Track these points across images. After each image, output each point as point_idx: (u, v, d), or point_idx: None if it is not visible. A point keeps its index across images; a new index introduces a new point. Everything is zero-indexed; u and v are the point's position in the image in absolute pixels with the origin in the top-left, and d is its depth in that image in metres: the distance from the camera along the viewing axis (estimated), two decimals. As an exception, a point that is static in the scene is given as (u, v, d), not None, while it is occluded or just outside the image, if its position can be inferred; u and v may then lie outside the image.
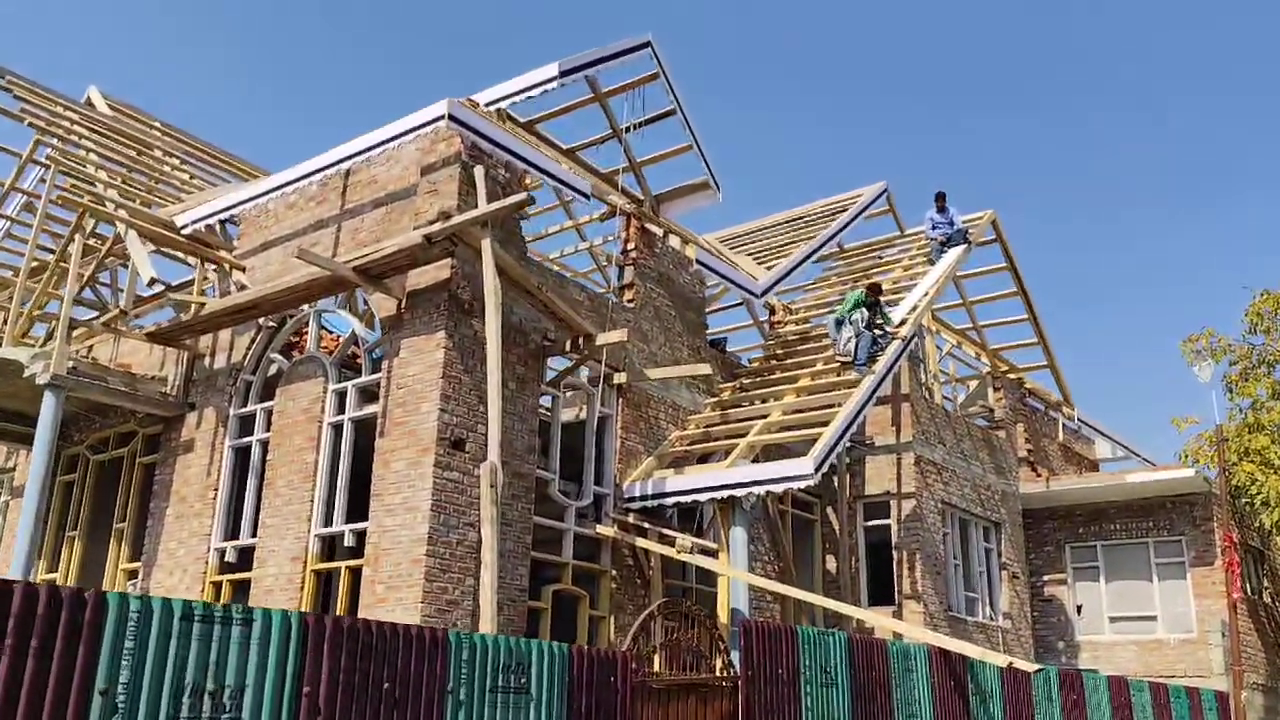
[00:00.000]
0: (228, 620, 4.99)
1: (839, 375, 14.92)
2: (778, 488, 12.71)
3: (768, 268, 17.31)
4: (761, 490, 12.65)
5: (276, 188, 13.38)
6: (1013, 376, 21.70)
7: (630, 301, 14.20)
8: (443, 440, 10.79)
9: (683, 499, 12.95)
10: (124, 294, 14.31)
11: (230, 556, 12.67)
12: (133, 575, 13.93)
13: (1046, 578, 20.49)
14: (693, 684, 8.92)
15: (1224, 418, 21.69)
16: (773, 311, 18.80)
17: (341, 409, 12.13)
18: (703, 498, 12.80)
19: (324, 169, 12.76)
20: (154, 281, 12.64)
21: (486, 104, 13.38)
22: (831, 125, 77.18)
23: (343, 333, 13.13)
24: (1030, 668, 12.17)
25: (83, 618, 4.52)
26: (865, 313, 14.95)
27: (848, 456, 17.22)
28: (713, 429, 14.33)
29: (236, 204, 13.89)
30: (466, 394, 11.15)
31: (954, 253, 18.25)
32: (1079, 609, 20.17)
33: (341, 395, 12.20)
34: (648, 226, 14.87)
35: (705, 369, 14.26)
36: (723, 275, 15.78)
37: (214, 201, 14.32)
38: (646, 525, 13.17)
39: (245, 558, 12.49)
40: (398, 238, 11.46)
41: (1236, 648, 17.72)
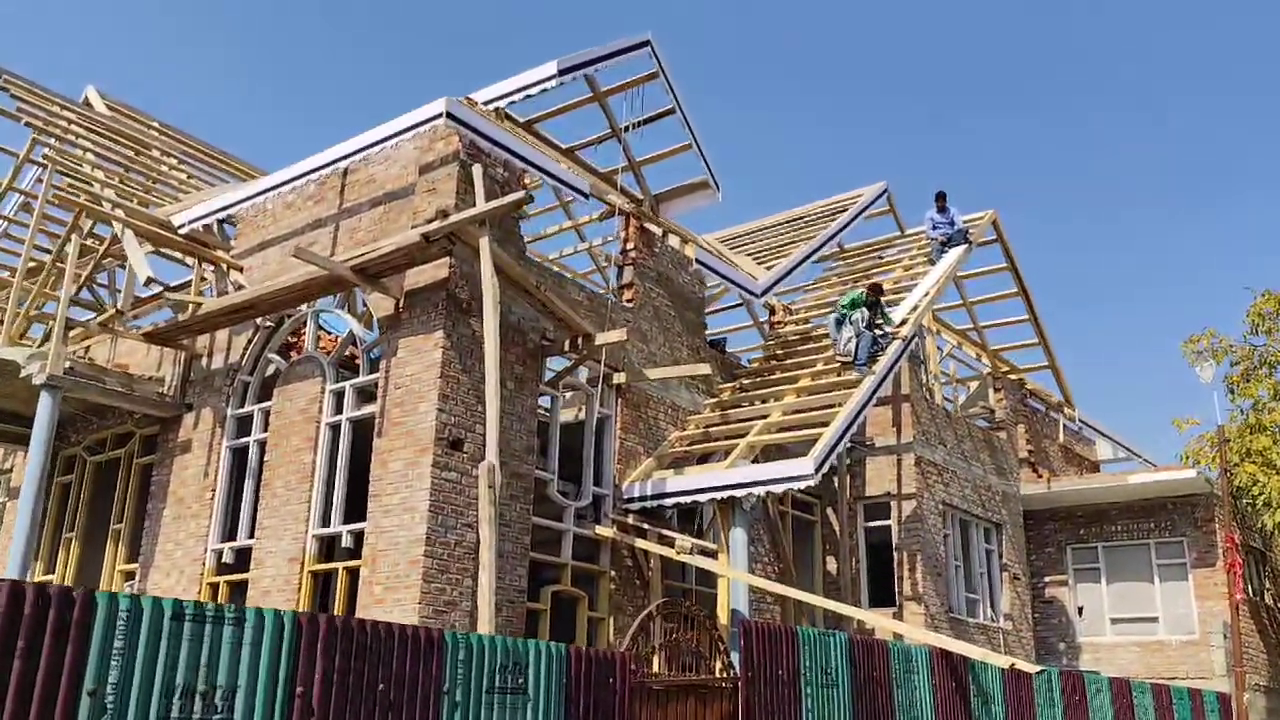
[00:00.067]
0: (219, 620, 4.92)
1: (839, 375, 14.84)
2: (778, 488, 12.64)
3: (767, 268, 17.24)
4: (762, 491, 12.59)
5: (274, 187, 13.33)
6: (1013, 377, 21.62)
7: (629, 301, 14.14)
8: (440, 440, 10.72)
9: (682, 500, 12.88)
10: (121, 294, 14.25)
11: (228, 558, 12.60)
12: (130, 577, 13.86)
13: (1048, 579, 20.41)
14: (692, 685, 8.85)
15: (1225, 419, 21.65)
16: (772, 312, 18.74)
17: (339, 409, 12.06)
18: (702, 498, 12.73)
19: (322, 168, 12.70)
20: (151, 281, 12.59)
21: (485, 103, 13.32)
22: (831, 125, 77.23)
23: (340, 333, 13.07)
24: (1032, 669, 12.10)
25: (71, 617, 4.45)
26: (866, 313, 14.88)
27: (848, 457, 17.15)
28: (712, 429, 14.26)
29: (234, 203, 13.83)
30: (465, 394, 11.09)
31: (954, 253, 18.18)
32: (1080, 610, 20.08)
33: (339, 395, 12.14)
34: (647, 226, 14.81)
35: (705, 369, 14.19)
36: (722, 275, 15.71)
37: (211, 201, 14.26)
38: (646, 526, 13.10)
39: (243, 559, 12.43)
40: (395, 237, 11.40)
41: (1238, 649, 17.64)
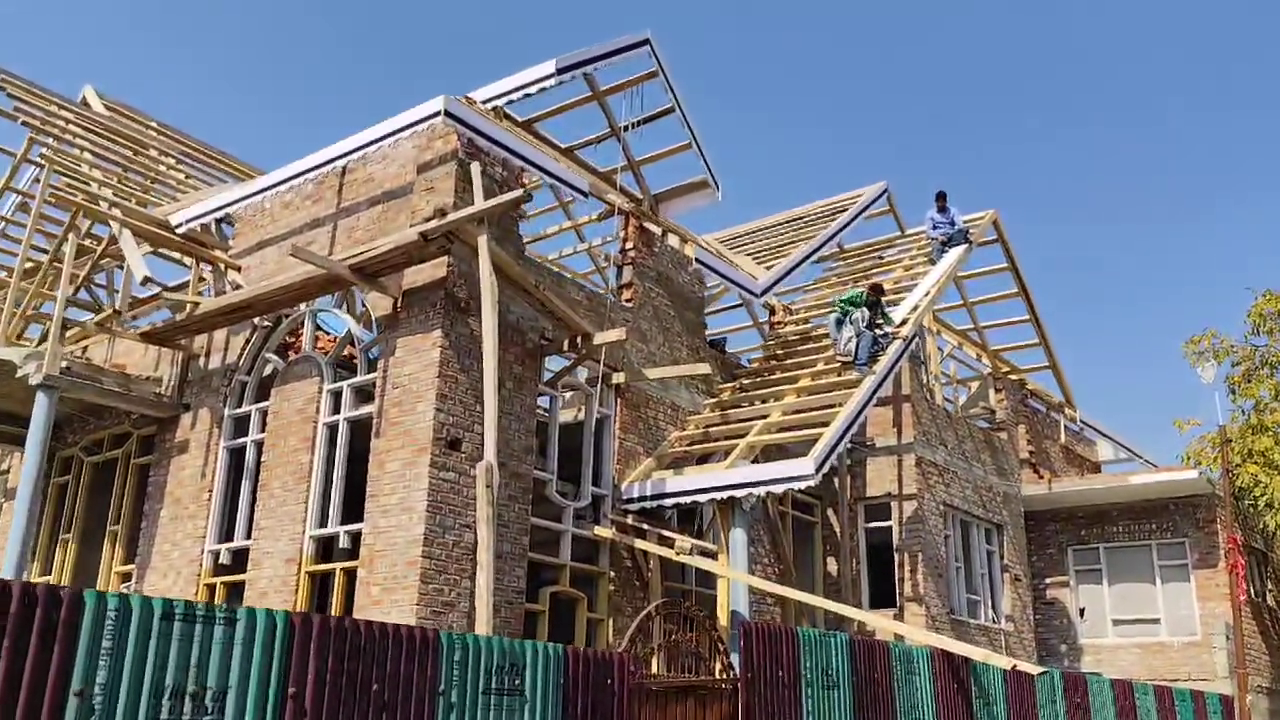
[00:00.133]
0: (210, 620, 4.84)
1: (840, 375, 14.78)
2: (778, 488, 12.57)
3: (767, 268, 17.17)
4: (762, 491, 12.52)
5: (272, 186, 13.26)
6: (1014, 378, 21.54)
7: (629, 301, 14.07)
8: (439, 440, 10.66)
9: (682, 500, 12.81)
10: (119, 295, 14.18)
11: (224, 558, 12.53)
12: (127, 578, 13.80)
13: (1049, 580, 20.33)
14: (691, 686, 8.78)
15: (1226, 419, 21.58)
16: (772, 312, 18.67)
17: (337, 409, 11.99)
18: (702, 499, 12.66)
19: (320, 166, 12.64)
20: (147, 280, 12.52)
21: (483, 102, 13.26)
22: (831, 125, 77.14)
23: (339, 333, 13.01)
24: (1034, 670, 12.03)
25: (58, 616, 4.37)
26: (866, 312, 14.81)
27: (848, 458, 17.08)
28: (712, 429, 14.19)
29: (232, 202, 13.76)
30: (463, 393, 11.02)
31: (955, 252, 18.12)
32: (1082, 612, 20.00)
33: (337, 395, 12.07)
34: (646, 226, 14.74)
35: (704, 369, 14.13)
36: (722, 275, 15.63)
37: (209, 201, 14.19)
38: (645, 527, 13.02)
39: (240, 560, 12.36)
40: (393, 235, 11.34)
41: (1241, 651, 17.56)
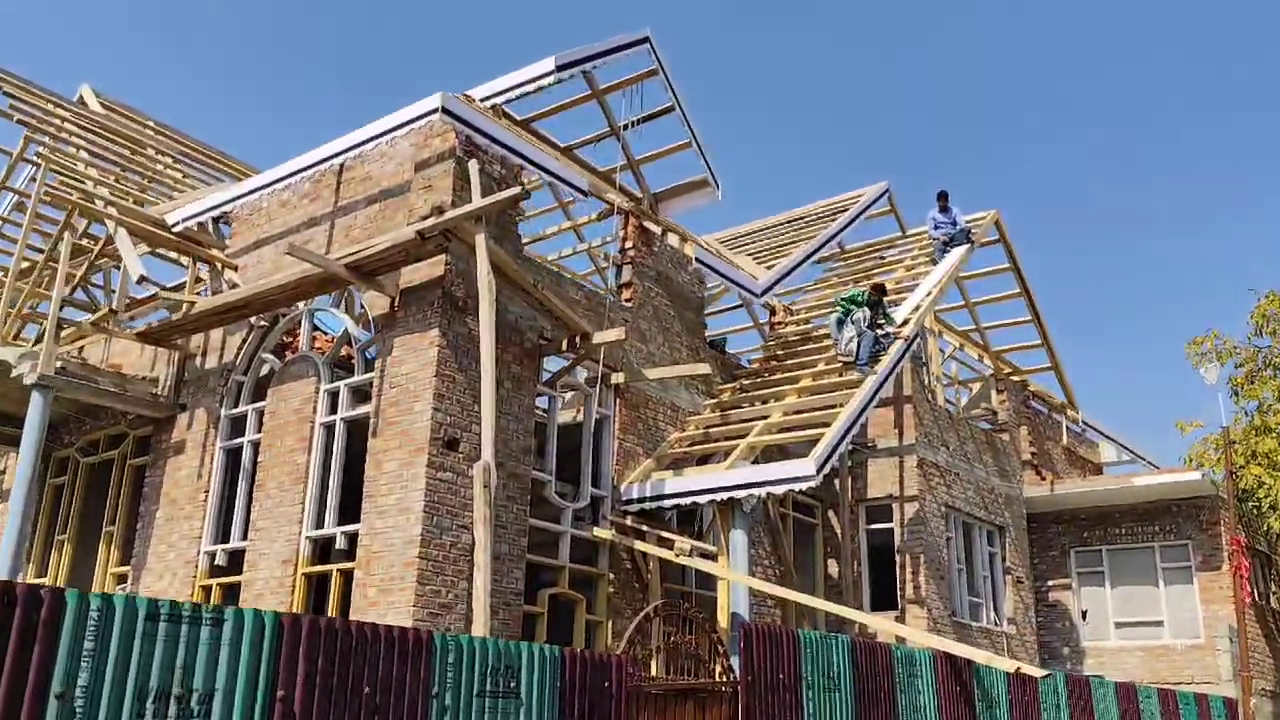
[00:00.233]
0: (196, 620, 4.73)
1: (841, 375, 14.67)
2: (779, 489, 12.46)
3: (768, 268, 17.06)
4: (762, 492, 12.41)
5: (269, 184, 13.17)
6: (1016, 379, 21.41)
7: (628, 301, 13.97)
8: (436, 440, 10.56)
9: (682, 501, 12.71)
10: (116, 295, 14.10)
11: (220, 560, 12.43)
12: (123, 579, 13.70)
13: (1051, 582, 20.20)
14: (691, 689, 8.67)
15: (1229, 421, 21.48)
16: (773, 312, 18.56)
17: (334, 409, 11.89)
18: (702, 500, 12.55)
19: (317, 164, 12.55)
20: (143, 279, 12.43)
21: (482, 100, 13.17)
22: (832, 125, 77.02)
23: (336, 333, 12.91)
24: (1038, 673, 11.92)
25: (38, 616, 4.26)
26: (868, 312, 14.70)
27: (849, 459, 16.96)
28: (712, 430, 14.09)
29: (228, 201, 13.66)
30: (461, 393, 10.92)
31: (957, 252, 18.00)
32: (1084, 614, 19.87)
33: (334, 395, 11.97)
34: (646, 225, 14.64)
35: (704, 369, 14.02)
36: (722, 274, 15.51)
37: (206, 199, 14.10)
38: (645, 528, 12.91)
39: (236, 561, 12.25)
40: (390, 234, 11.25)
41: (1245, 653, 17.45)
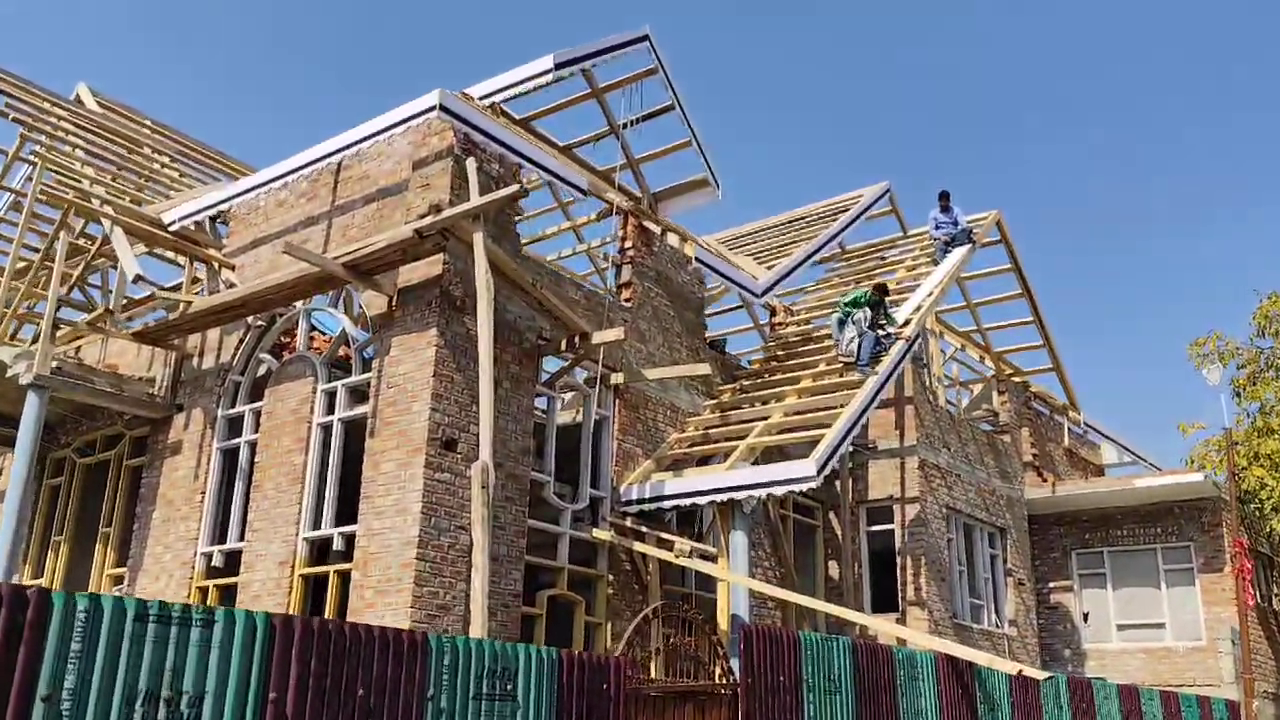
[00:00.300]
0: (186, 621, 4.64)
1: (841, 376, 14.59)
2: (779, 490, 12.37)
3: (768, 268, 16.99)
4: (762, 493, 12.32)
5: (266, 182, 13.08)
6: (1018, 380, 21.33)
7: (628, 301, 13.89)
8: (434, 440, 10.48)
9: (681, 502, 12.62)
10: (113, 295, 14.01)
11: (217, 561, 12.34)
12: (119, 580, 13.61)
13: (1052, 584, 20.11)
14: (690, 691, 8.58)
15: (1231, 422, 21.40)
16: (773, 313, 18.48)
17: (331, 409, 11.81)
18: (702, 501, 12.46)
19: (315, 162, 12.46)
20: (139, 279, 12.35)
21: (480, 98, 13.09)
22: (832, 125, 76.95)
23: (333, 333, 12.83)
24: (1040, 676, 11.84)
25: (24, 618, 4.17)
26: (869, 312, 14.62)
27: (850, 460, 16.87)
28: (712, 431, 14.00)
29: (225, 200, 13.58)
30: (459, 393, 10.84)
31: (958, 253, 17.91)
32: (1086, 616, 19.78)
33: (331, 395, 11.89)
34: (645, 225, 14.56)
35: (704, 369, 13.93)
36: (722, 274, 15.43)
37: (202, 198, 14.01)
38: (644, 529, 12.83)
39: (232, 562, 12.17)
40: (388, 232, 11.17)
41: (1248, 656, 17.36)
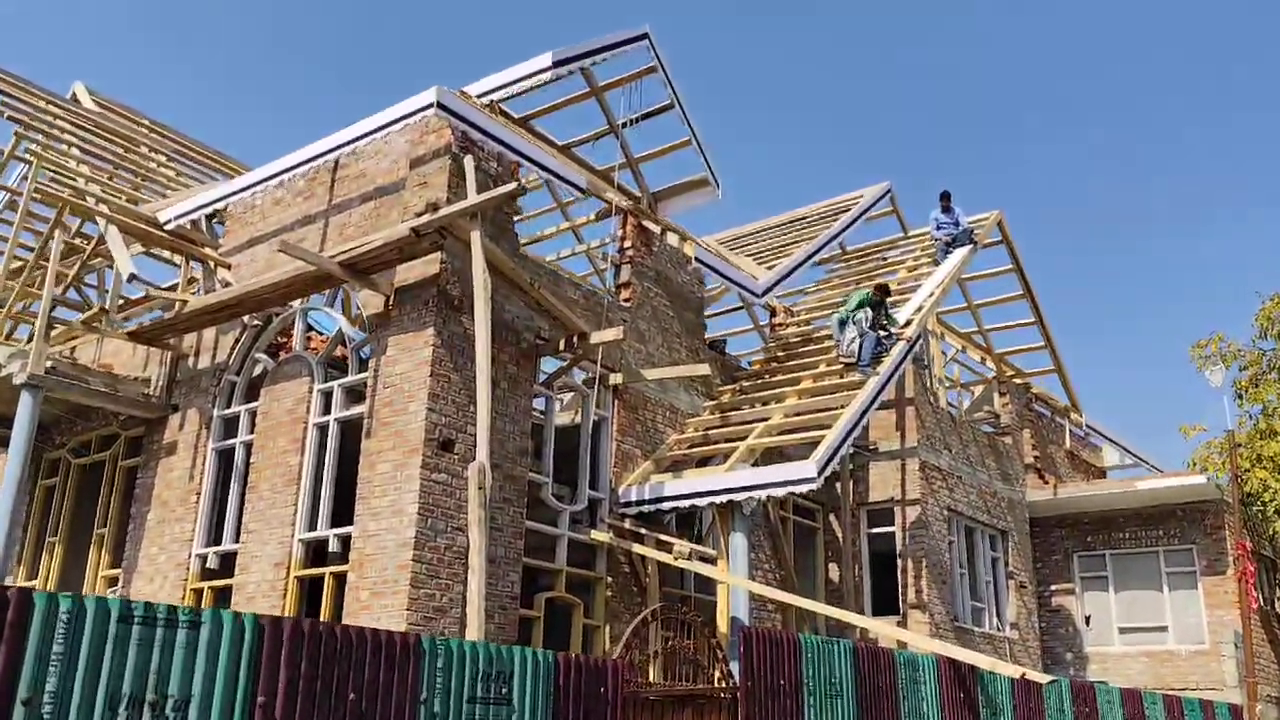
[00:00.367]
0: (172, 623, 4.53)
1: (842, 377, 14.49)
2: (779, 491, 12.27)
3: (768, 268, 16.89)
4: (762, 494, 12.21)
5: (262, 181, 12.99)
6: (1019, 382, 21.22)
7: (627, 301, 13.79)
8: (430, 441, 10.37)
9: (681, 504, 12.51)
10: (109, 294, 13.91)
11: (212, 563, 12.23)
12: (113, 583, 13.50)
13: (1054, 587, 19.99)
14: (689, 695, 8.47)
15: (1234, 424, 21.32)
16: (773, 314, 18.39)
17: (327, 409, 11.71)
18: (701, 502, 12.34)
19: (311, 160, 12.38)
20: (134, 278, 12.25)
21: (478, 96, 13.00)
22: (833, 125, 76.89)
23: (330, 333, 12.73)
24: (1043, 679, 11.74)
25: (3, 618, 4.07)
26: (870, 313, 14.53)
27: (850, 462, 16.76)
28: (711, 432, 13.90)
29: (221, 198, 13.48)
30: (456, 393, 10.74)
31: (959, 253, 17.82)
32: (1088, 619, 19.66)
33: (327, 395, 11.78)
34: (645, 224, 14.46)
35: (704, 369, 13.83)
36: (722, 274, 15.33)
37: (198, 196, 13.92)
38: (643, 531, 12.71)
39: (228, 564, 12.06)
40: (385, 231, 11.07)
41: (1250, 659, 17.24)
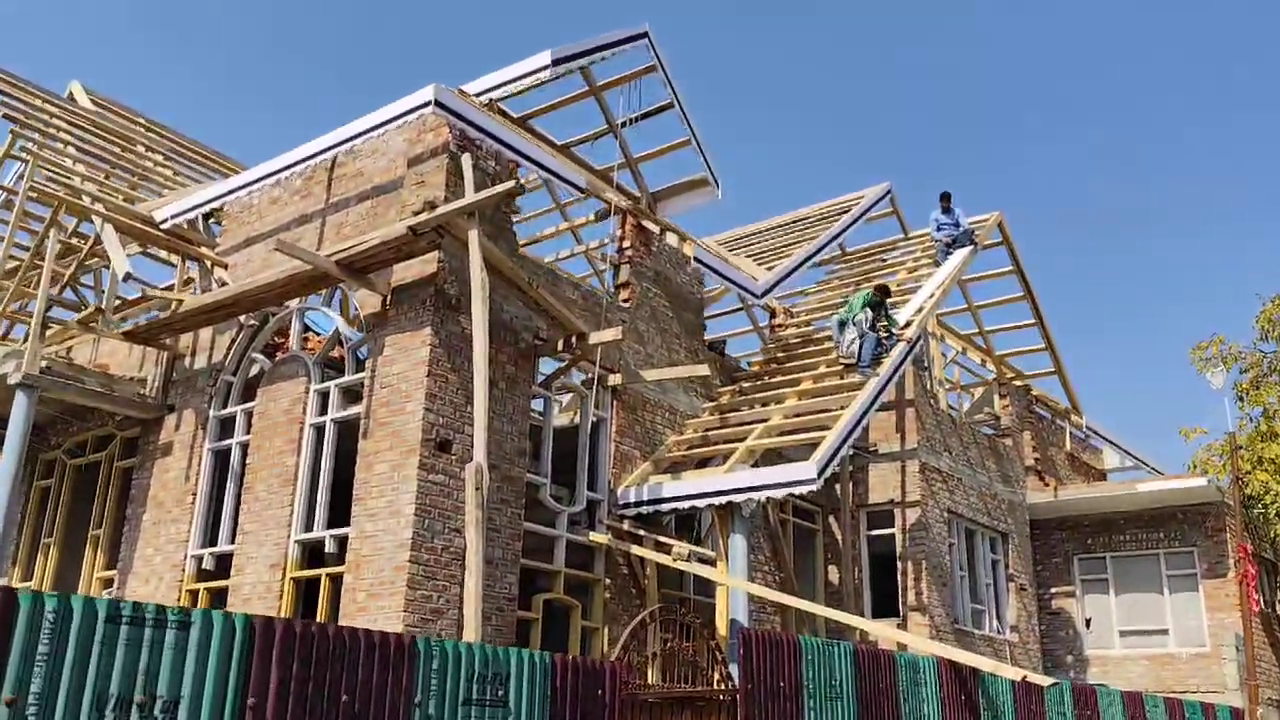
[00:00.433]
0: (161, 623, 4.45)
1: (842, 378, 14.42)
2: (779, 493, 12.19)
3: (768, 269, 16.82)
4: (762, 496, 12.13)
5: (259, 179, 12.92)
6: (1019, 383, 21.16)
7: (626, 301, 13.72)
8: (428, 441, 10.30)
9: (680, 505, 12.43)
10: (105, 294, 13.84)
11: (208, 564, 12.15)
12: (109, 584, 13.41)
13: (1054, 590, 19.92)
14: (688, 697, 8.40)
15: (1234, 426, 21.22)
16: (773, 314, 18.32)
17: (324, 410, 11.63)
18: (701, 504, 12.26)
19: (309, 159, 12.30)
20: (129, 277, 12.18)
21: (477, 95, 12.94)
22: (833, 126, 76.86)
23: (327, 333, 12.66)
24: (1044, 682, 11.67)
25: (-12, 617, 4.02)
26: (870, 314, 14.47)
27: (850, 464, 16.70)
28: (711, 433, 13.83)
29: (217, 197, 13.41)
30: (453, 393, 10.66)
31: (960, 254, 17.76)
32: (1088, 622, 19.59)
33: (324, 395, 11.70)
34: (644, 224, 14.39)
35: (703, 370, 13.75)
36: (722, 275, 15.25)
37: (195, 195, 13.85)
38: (642, 532, 12.63)
39: (223, 565, 11.98)
40: (382, 229, 11.00)
41: (1252, 662, 17.17)
